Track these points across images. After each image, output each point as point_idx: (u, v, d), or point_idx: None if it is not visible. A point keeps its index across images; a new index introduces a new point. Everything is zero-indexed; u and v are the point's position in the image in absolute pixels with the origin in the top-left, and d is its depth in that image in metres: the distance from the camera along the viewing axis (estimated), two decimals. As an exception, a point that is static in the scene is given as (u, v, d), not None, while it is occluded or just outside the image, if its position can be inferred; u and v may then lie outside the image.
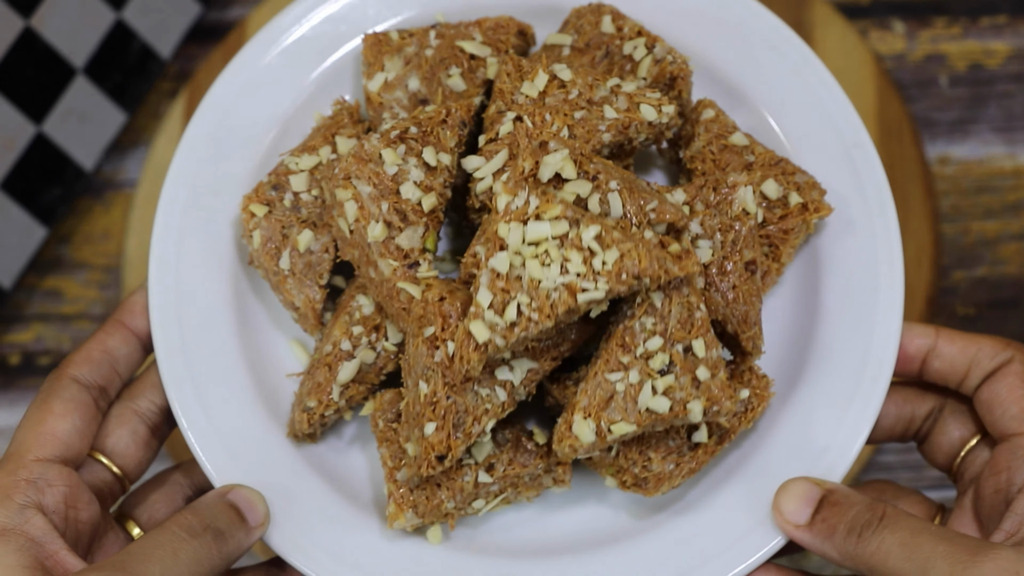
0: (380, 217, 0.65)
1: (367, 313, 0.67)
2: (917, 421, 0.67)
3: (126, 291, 0.95)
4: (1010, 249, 0.94)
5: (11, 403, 0.96)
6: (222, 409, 0.67)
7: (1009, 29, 0.99)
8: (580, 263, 0.60)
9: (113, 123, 0.98)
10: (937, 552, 0.58)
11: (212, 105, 0.71)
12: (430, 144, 0.66)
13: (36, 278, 0.98)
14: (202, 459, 0.67)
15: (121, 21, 0.95)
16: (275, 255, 0.68)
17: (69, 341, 0.97)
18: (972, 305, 0.93)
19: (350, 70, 0.72)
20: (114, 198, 1.00)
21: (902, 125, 0.94)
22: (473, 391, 0.63)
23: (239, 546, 0.63)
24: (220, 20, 1.03)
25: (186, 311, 0.68)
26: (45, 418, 0.64)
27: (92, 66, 0.94)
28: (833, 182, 0.69)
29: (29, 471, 0.62)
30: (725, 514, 0.65)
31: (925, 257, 0.91)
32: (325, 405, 0.66)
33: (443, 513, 0.66)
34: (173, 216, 0.69)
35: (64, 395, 0.64)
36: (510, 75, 0.67)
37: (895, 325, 0.66)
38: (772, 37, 0.71)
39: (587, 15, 0.71)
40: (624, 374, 0.62)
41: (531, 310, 0.60)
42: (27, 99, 0.91)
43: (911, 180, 0.93)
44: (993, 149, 0.96)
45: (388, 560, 0.65)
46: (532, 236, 0.61)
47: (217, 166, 0.70)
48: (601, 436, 0.62)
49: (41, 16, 0.90)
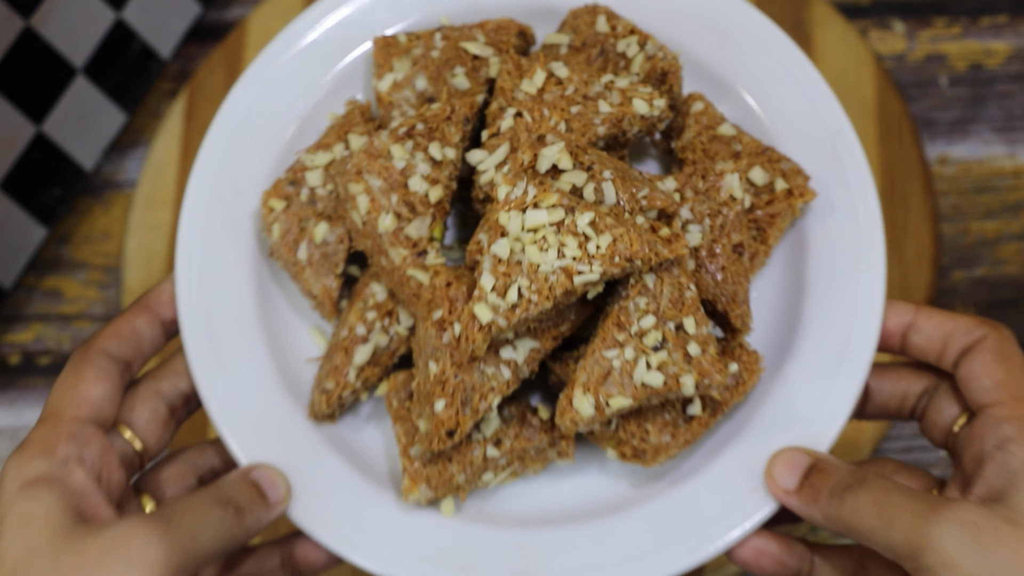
0: (390, 209, 0.69)
1: (380, 300, 0.71)
2: (911, 398, 0.70)
3: (126, 291, 0.95)
4: (1010, 249, 0.94)
5: (11, 403, 0.96)
6: (245, 392, 0.71)
7: (1009, 29, 0.99)
8: (576, 247, 0.65)
9: (113, 123, 0.98)
10: (902, 507, 0.62)
11: (232, 108, 0.74)
12: (436, 140, 0.70)
13: (36, 278, 0.98)
14: (227, 439, 0.70)
15: (121, 21, 0.95)
16: (293, 246, 0.72)
17: (69, 341, 0.97)
18: (972, 305, 0.93)
19: (361, 71, 0.76)
20: (114, 198, 1.00)
21: (902, 125, 0.94)
22: (479, 370, 0.67)
23: (259, 521, 0.66)
24: (220, 20, 1.03)
25: (211, 300, 0.72)
26: (78, 384, 0.67)
27: (92, 66, 0.94)
28: (817, 168, 0.72)
29: (68, 428, 0.65)
30: (720, 482, 0.69)
31: (925, 257, 0.91)
32: (342, 386, 0.70)
33: (455, 486, 0.69)
34: (198, 213, 0.73)
35: (95, 364, 0.67)
36: (510, 73, 0.71)
37: (877, 301, 0.70)
38: (759, 33, 0.74)
39: (583, 15, 0.74)
40: (620, 351, 0.66)
41: (531, 292, 0.64)
42: (27, 99, 0.91)
43: (911, 180, 0.93)
44: (993, 149, 0.96)
45: (404, 530, 0.69)
46: (531, 223, 0.65)
47: (238, 165, 0.74)
48: (600, 410, 0.66)
49: (41, 16, 0.90)
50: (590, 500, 0.71)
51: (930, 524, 0.60)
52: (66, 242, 0.99)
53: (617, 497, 0.70)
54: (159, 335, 0.71)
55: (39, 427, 0.66)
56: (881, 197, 0.92)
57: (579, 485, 0.71)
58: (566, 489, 0.71)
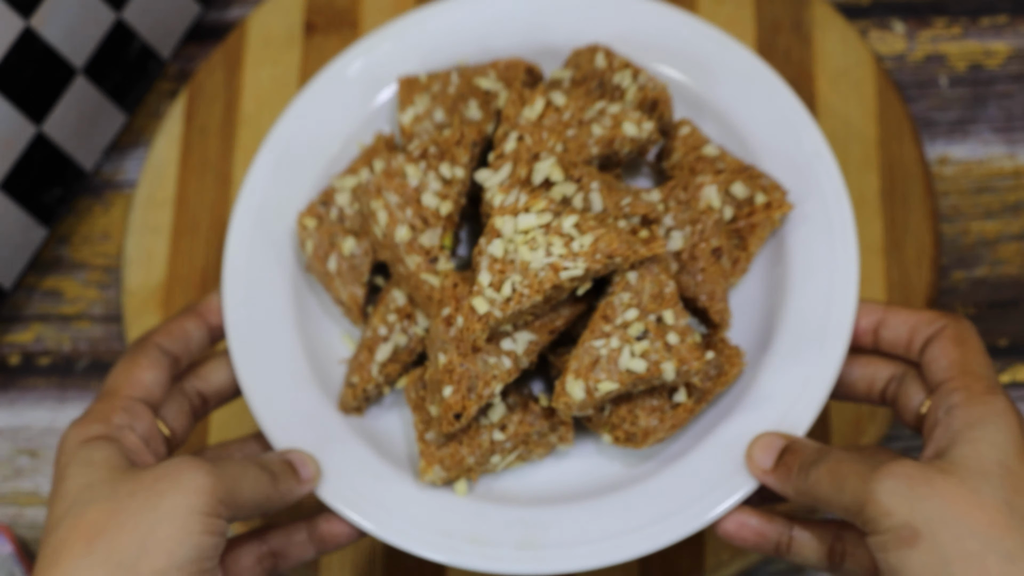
0: (406, 221, 0.79)
1: (400, 304, 0.81)
2: (879, 383, 0.77)
3: (126, 291, 0.95)
4: (1010, 249, 0.94)
5: (11, 403, 0.96)
6: (283, 388, 0.80)
7: (1009, 29, 0.99)
8: (562, 246, 0.73)
9: (113, 123, 0.98)
10: (850, 471, 0.69)
11: (275, 141, 0.85)
12: (446, 160, 0.79)
13: (36, 278, 0.98)
14: (265, 428, 0.79)
15: (121, 21, 0.95)
16: (324, 259, 0.82)
17: (69, 341, 0.97)
18: (972, 305, 0.93)
19: (388, 107, 0.86)
20: (114, 198, 1.00)
21: (902, 125, 0.94)
22: (483, 360, 0.75)
23: (290, 490, 0.75)
24: (220, 20, 1.04)
25: (254, 308, 0.81)
26: (133, 369, 0.76)
27: (92, 66, 0.94)
28: (796, 185, 0.81)
29: (123, 402, 0.74)
30: (706, 463, 0.76)
31: (925, 258, 0.91)
32: (366, 380, 0.80)
33: (466, 468, 0.78)
34: (244, 234, 0.83)
35: (149, 354, 0.76)
36: (514, 103, 0.80)
37: (849, 301, 0.77)
38: (743, 67, 0.83)
39: (584, 54, 0.84)
40: (607, 341, 0.75)
41: (523, 287, 0.73)
42: (27, 99, 0.91)
43: (911, 180, 0.93)
44: (993, 149, 0.96)
45: (420, 508, 0.78)
46: (522, 226, 0.74)
47: (279, 192, 0.84)
48: (590, 394, 0.75)
49: (41, 16, 0.90)
50: (588, 481, 0.79)
51: (871, 481, 0.67)
52: (66, 242, 0.99)
53: (612, 478, 0.78)
54: (205, 338, 0.80)
55: (97, 402, 0.75)
56: (881, 197, 0.93)
57: (578, 467, 0.79)
58: (566, 471, 0.79)
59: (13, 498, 0.93)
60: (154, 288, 0.95)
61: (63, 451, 0.72)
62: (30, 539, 0.92)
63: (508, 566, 0.76)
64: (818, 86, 0.96)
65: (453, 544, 0.76)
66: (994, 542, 0.64)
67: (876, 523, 0.66)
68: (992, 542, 0.64)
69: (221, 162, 0.98)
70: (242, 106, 0.99)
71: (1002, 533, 0.64)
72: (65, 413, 0.95)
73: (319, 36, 1.00)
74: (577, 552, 0.76)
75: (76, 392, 0.95)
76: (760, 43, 0.97)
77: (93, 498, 0.69)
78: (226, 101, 0.99)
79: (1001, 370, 0.91)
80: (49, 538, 0.69)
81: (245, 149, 0.98)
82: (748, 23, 0.98)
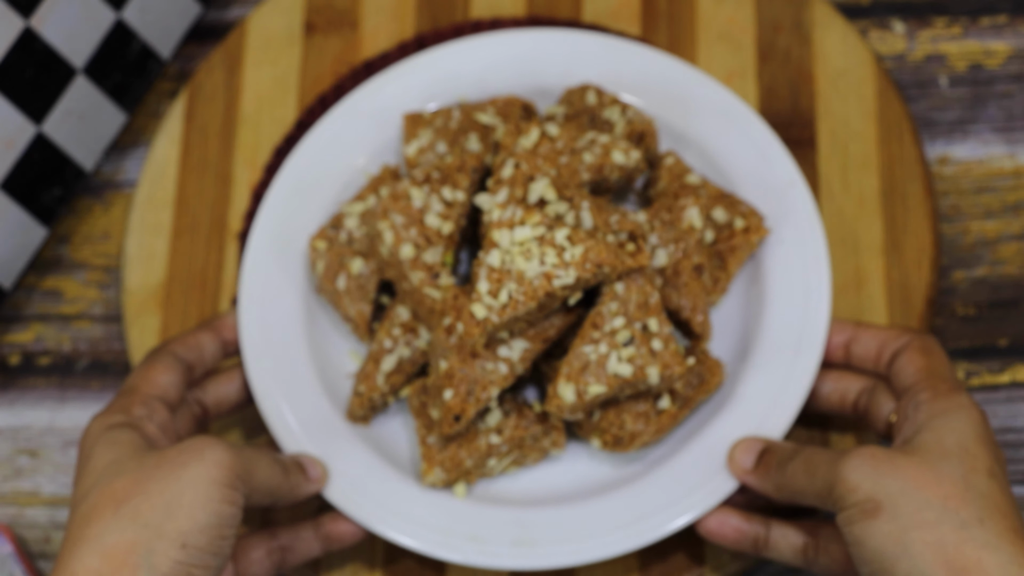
0: (410, 240, 0.85)
1: (404, 319, 0.86)
2: (851, 395, 0.83)
3: (126, 291, 0.95)
4: (1010, 249, 0.94)
5: (11, 403, 0.96)
6: (294, 399, 0.86)
7: (1009, 29, 0.99)
8: (554, 256, 0.79)
9: (113, 123, 0.98)
10: (821, 461, 0.74)
11: (289, 173, 0.91)
12: (448, 184, 0.86)
13: (36, 278, 0.98)
14: (277, 435, 0.85)
15: (121, 21, 0.95)
16: (334, 279, 0.88)
17: (69, 341, 0.97)
18: (972, 305, 0.93)
19: (394, 141, 0.92)
20: (114, 198, 1.00)
21: (902, 125, 0.94)
22: (481, 366, 0.81)
23: (299, 485, 0.81)
24: (220, 20, 1.03)
25: (268, 326, 0.87)
26: (150, 371, 0.81)
27: (92, 66, 0.94)
28: (772, 210, 0.87)
29: (142, 398, 0.80)
30: (690, 465, 0.82)
31: (925, 258, 0.91)
32: (372, 389, 0.85)
33: (465, 470, 0.83)
34: (259, 257, 0.89)
35: (165, 360, 0.82)
36: (511, 133, 0.87)
37: (822, 315, 0.85)
38: (723, 105, 0.90)
39: (576, 92, 0.91)
40: (595, 347, 0.81)
41: (518, 294, 0.79)
42: (27, 99, 0.91)
43: (911, 180, 0.93)
44: (993, 149, 0.96)
45: (422, 508, 0.83)
46: (518, 238, 0.79)
47: (292, 218, 0.90)
48: (580, 396, 0.80)
49: (41, 16, 0.90)
50: (578, 483, 0.85)
51: (839, 464, 0.72)
52: (66, 242, 0.99)
53: (601, 480, 0.84)
54: (219, 351, 0.86)
55: (117, 398, 0.80)
56: (881, 198, 0.93)
57: (569, 471, 0.85)
58: (558, 475, 0.85)
59: (13, 498, 0.93)
60: (154, 288, 0.95)
61: (88, 436, 0.78)
62: (30, 539, 0.92)
63: (504, 562, 0.82)
64: (818, 86, 0.96)
65: (453, 542, 0.82)
66: (950, 512, 0.69)
67: (843, 499, 0.71)
68: (948, 512, 0.69)
69: (221, 162, 0.98)
70: (242, 106, 0.99)
71: (958, 504, 0.69)
72: (65, 413, 0.95)
73: (319, 36, 1.00)
74: (568, 549, 0.81)
75: (76, 392, 0.95)
76: (760, 43, 0.97)
77: (120, 471, 0.74)
78: (226, 101, 0.99)
79: (1001, 370, 0.91)
80: (78, 508, 0.74)
81: (245, 149, 0.98)
82: (748, 23, 0.97)
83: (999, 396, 0.91)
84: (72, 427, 0.94)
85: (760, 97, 0.96)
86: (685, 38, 0.98)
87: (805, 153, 0.94)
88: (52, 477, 0.93)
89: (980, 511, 0.69)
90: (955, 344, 0.92)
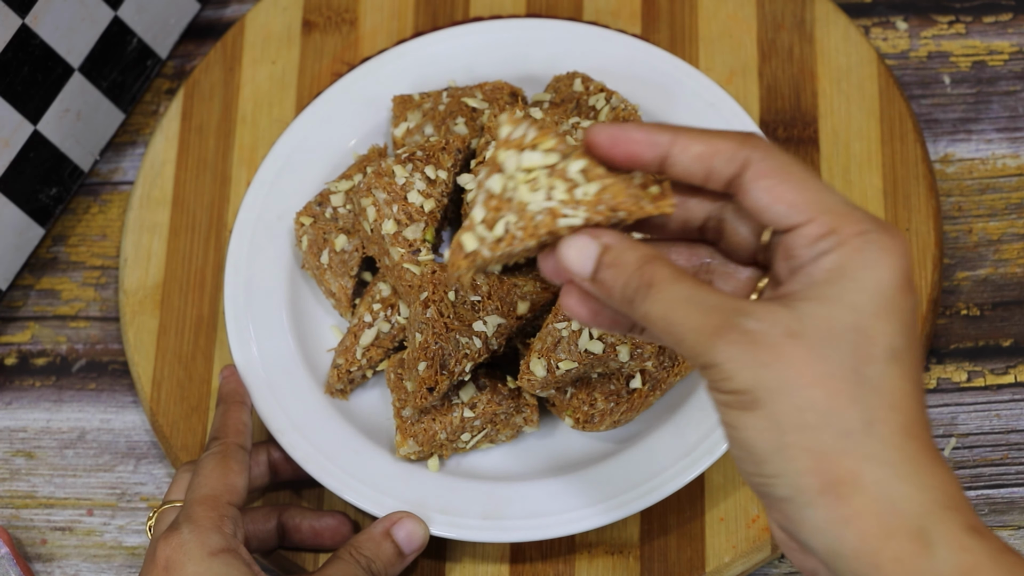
0: (392, 216, 0.86)
1: (385, 295, 0.88)
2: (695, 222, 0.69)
3: (124, 291, 0.95)
4: (1014, 249, 0.93)
5: (7, 404, 0.95)
6: (275, 372, 0.89)
7: (1013, 27, 0.98)
8: (564, 191, 0.66)
9: (110, 122, 0.97)
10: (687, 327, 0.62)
11: (277, 153, 0.93)
12: (431, 163, 0.87)
13: (32, 278, 0.98)
14: (261, 410, 0.87)
15: (118, 19, 0.95)
16: (318, 253, 0.89)
17: (65, 341, 0.96)
18: (976, 305, 0.92)
19: (383, 123, 0.95)
20: (111, 197, 0.99)
21: (905, 124, 0.94)
22: (455, 339, 0.82)
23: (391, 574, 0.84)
24: (217, 18, 1.03)
25: (252, 299, 0.90)
26: (227, 474, 0.82)
27: (89, 64, 0.94)
28: None
29: (228, 511, 0.80)
30: (659, 445, 0.84)
31: (928, 257, 0.91)
32: (350, 363, 0.88)
33: (438, 444, 0.85)
34: (245, 234, 0.91)
35: (237, 457, 0.83)
36: (496, 116, 0.88)
37: None
38: (709, 96, 0.91)
39: (563, 79, 0.91)
40: (568, 323, 0.81)
41: (517, 228, 0.66)
42: (23, 98, 0.90)
43: (914, 179, 0.93)
44: (996, 148, 0.96)
45: (396, 481, 0.85)
46: (525, 163, 0.67)
47: (279, 198, 0.92)
48: (551, 371, 0.81)
49: (37, 14, 0.89)
50: (549, 461, 0.87)
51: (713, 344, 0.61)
52: (63, 242, 0.99)
53: (574, 458, 0.86)
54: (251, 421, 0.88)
55: (203, 506, 0.80)
56: (883, 197, 0.92)
57: (543, 449, 0.87)
58: (529, 452, 0.87)
59: (9, 500, 0.93)
60: (152, 288, 0.95)
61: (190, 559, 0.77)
62: (25, 540, 0.91)
63: (474, 534, 0.84)
64: (820, 84, 0.95)
65: (425, 514, 0.84)
66: (833, 416, 0.60)
67: (716, 384, 0.62)
68: (831, 416, 0.60)
69: (219, 160, 0.97)
70: (240, 104, 0.99)
71: (843, 407, 0.60)
72: (62, 414, 0.94)
73: (317, 34, 1.00)
74: (536, 523, 0.83)
75: (72, 393, 0.95)
76: (762, 41, 0.97)
77: None
78: (224, 99, 0.99)
79: (1005, 370, 0.91)
80: None
81: (243, 147, 0.97)
82: (750, 21, 0.97)
83: (1003, 396, 0.90)
84: (68, 428, 0.94)
85: (762, 95, 0.95)
86: (686, 36, 0.97)
87: (807, 152, 0.94)
88: (48, 478, 0.93)
89: (869, 412, 0.60)
90: (958, 344, 0.91)
